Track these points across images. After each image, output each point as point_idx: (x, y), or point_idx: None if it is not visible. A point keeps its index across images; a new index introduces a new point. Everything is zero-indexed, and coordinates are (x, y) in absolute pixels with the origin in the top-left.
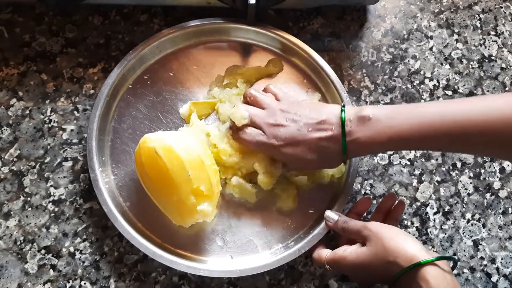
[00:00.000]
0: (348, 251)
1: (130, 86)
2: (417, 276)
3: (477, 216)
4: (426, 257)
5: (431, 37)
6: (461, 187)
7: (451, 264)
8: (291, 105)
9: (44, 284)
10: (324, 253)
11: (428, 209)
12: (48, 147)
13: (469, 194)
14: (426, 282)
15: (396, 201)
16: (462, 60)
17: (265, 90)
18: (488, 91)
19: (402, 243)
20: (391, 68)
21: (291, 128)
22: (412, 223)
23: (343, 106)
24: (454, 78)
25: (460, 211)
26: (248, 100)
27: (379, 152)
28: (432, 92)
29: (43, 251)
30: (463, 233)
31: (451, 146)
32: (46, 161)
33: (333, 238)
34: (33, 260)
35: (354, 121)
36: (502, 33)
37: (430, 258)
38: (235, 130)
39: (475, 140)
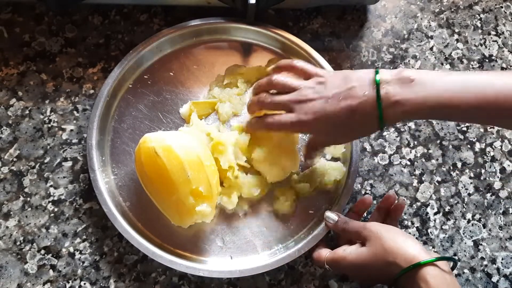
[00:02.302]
0: (348, 251)
1: (130, 86)
2: (416, 276)
3: (477, 216)
4: (426, 258)
5: (431, 37)
6: (462, 187)
7: (451, 264)
8: (320, 77)
9: (44, 284)
10: (324, 253)
11: (428, 209)
12: (48, 147)
13: (469, 194)
14: (426, 283)
15: (396, 201)
16: (463, 60)
17: (290, 67)
18: None
19: (402, 243)
20: (391, 68)
21: (320, 101)
22: (413, 223)
23: (377, 68)
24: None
25: (460, 211)
26: (276, 87)
27: (421, 119)
28: None
29: (42, 251)
30: (463, 233)
31: (501, 119)
32: (45, 161)
33: (333, 239)
34: (32, 260)
35: (393, 83)
36: (503, 33)
37: (430, 258)
38: (260, 122)
39: None
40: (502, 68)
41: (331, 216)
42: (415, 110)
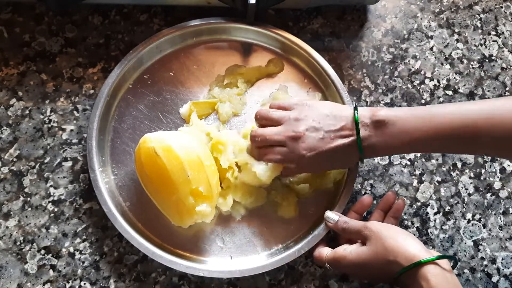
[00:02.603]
0: (349, 250)
1: (130, 86)
2: (417, 275)
3: (477, 216)
4: (427, 256)
5: (431, 37)
6: (462, 187)
7: (452, 263)
8: (304, 110)
9: (44, 284)
10: (324, 252)
11: (428, 209)
12: (48, 147)
13: (469, 194)
14: (427, 281)
15: (396, 200)
16: (463, 60)
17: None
18: (488, 91)
19: (403, 242)
20: (391, 68)
21: (312, 137)
22: (413, 223)
23: (356, 108)
24: (454, 78)
25: (460, 211)
26: (262, 123)
27: (397, 154)
28: (433, 92)
29: (42, 251)
30: (463, 233)
31: (469, 148)
32: (45, 161)
33: (333, 239)
34: (32, 260)
35: (370, 126)
36: (503, 33)
37: (431, 257)
38: (256, 153)
39: (496, 140)
40: (502, 68)
41: (332, 216)
42: (389, 148)
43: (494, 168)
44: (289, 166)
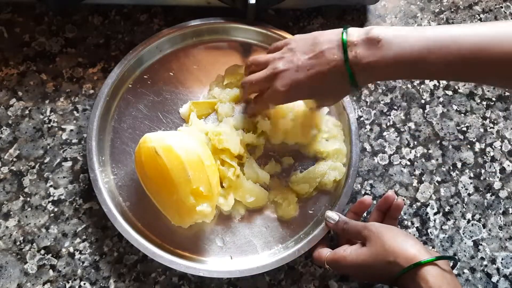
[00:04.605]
0: (348, 251)
1: (130, 86)
2: (417, 276)
3: (477, 216)
4: (426, 257)
5: None
6: (462, 187)
7: (451, 263)
8: (289, 46)
9: (43, 284)
10: (324, 252)
11: (428, 209)
12: (48, 147)
13: (469, 194)
14: (426, 282)
15: (395, 200)
16: None
17: (275, 47)
18: (488, 91)
19: (402, 243)
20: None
21: (290, 72)
22: (413, 223)
23: (345, 28)
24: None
25: (460, 211)
26: (251, 69)
27: (392, 79)
28: (433, 92)
29: (42, 251)
30: (463, 234)
31: (465, 73)
32: (45, 161)
33: (333, 239)
34: (32, 260)
35: (361, 44)
36: None
37: (430, 258)
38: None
39: (490, 67)
40: None
41: (332, 216)
42: (384, 72)
43: (494, 168)
44: (270, 102)
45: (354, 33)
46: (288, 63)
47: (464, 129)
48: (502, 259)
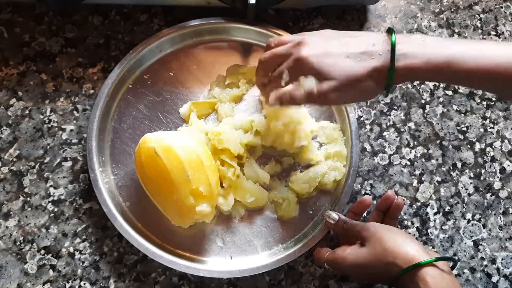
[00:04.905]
0: (348, 251)
1: (130, 86)
2: (416, 276)
3: (477, 216)
4: (426, 258)
5: None
6: (462, 187)
7: (451, 264)
8: (321, 36)
9: (43, 284)
10: (324, 252)
11: (428, 209)
12: (48, 147)
13: (469, 194)
14: (425, 283)
15: (395, 200)
16: None
17: (279, 42)
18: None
19: (402, 243)
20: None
21: (321, 41)
22: (413, 223)
23: (392, 29)
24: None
25: (460, 211)
26: (273, 45)
27: (430, 78)
28: (433, 92)
29: (42, 251)
30: (463, 234)
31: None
32: (45, 161)
33: (333, 239)
34: (32, 260)
35: (404, 41)
36: (503, 33)
37: (429, 258)
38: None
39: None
40: None
41: (332, 215)
42: (424, 65)
43: (494, 168)
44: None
45: (399, 35)
46: (319, 35)
47: (464, 129)
48: (502, 259)
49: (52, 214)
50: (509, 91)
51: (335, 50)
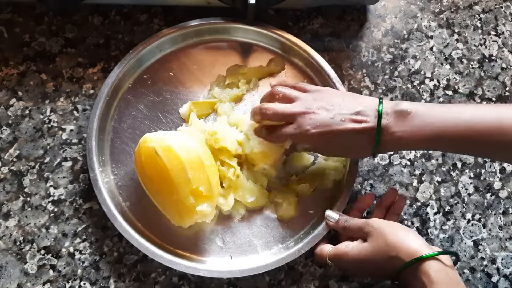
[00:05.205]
0: (350, 247)
1: (130, 86)
2: (418, 270)
3: (477, 216)
4: (428, 252)
5: (431, 37)
6: (462, 187)
7: (454, 259)
8: (321, 93)
9: (43, 284)
10: (326, 248)
11: (428, 209)
12: (48, 147)
13: (469, 194)
14: (428, 276)
15: (397, 197)
16: (463, 60)
17: (293, 87)
18: (488, 91)
19: (404, 238)
20: (391, 68)
21: (323, 115)
22: (413, 223)
23: (381, 98)
24: (454, 78)
25: (460, 211)
26: (277, 98)
27: (413, 148)
28: (433, 92)
29: (42, 251)
30: (463, 233)
31: (491, 151)
32: (45, 161)
33: (333, 238)
34: (32, 260)
35: (391, 115)
36: (503, 33)
37: (432, 252)
38: (264, 132)
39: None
40: (502, 68)
41: (332, 215)
42: (410, 141)
43: (494, 168)
44: (294, 140)
45: (387, 104)
46: (322, 109)
47: None
48: (502, 259)
49: (52, 214)
50: (502, 154)
51: (336, 127)
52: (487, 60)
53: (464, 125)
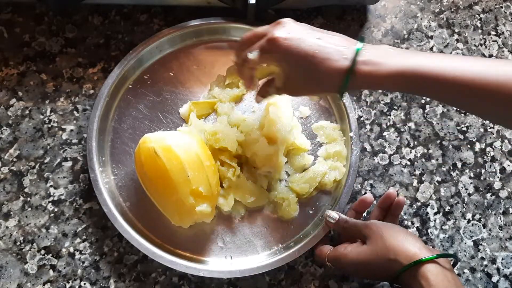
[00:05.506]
0: (349, 249)
1: (130, 86)
2: (417, 273)
3: (477, 216)
4: (427, 255)
5: (431, 37)
6: (462, 187)
7: (452, 261)
8: (299, 24)
9: (44, 284)
10: (325, 250)
11: (428, 209)
12: (48, 147)
13: (469, 194)
14: (426, 280)
15: (396, 198)
16: None
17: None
18: None
19: (403, 241)
20: None
21: (297, 30)
22: (413, 223)
23: (362, 38)
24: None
25: (460, 211)
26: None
27: (391, 87)
28: None
29: (42, 252)
30: (463, 233)
31: (471, 103)
32: (45, 161)
33: (333, 238)
34: (32, 260)
35: (371, 47)
36: (503, 33)
37: (431, 255)
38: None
39: (479, 98)
40: None
41: (332, 215)
42: (386, 73)
43: (494, 168)
44: (270, 81)
45: (367, 45)
46: (299, 24)
47: (464, 129)
48: (502, 259)
49: (52, 214)
50: (473, 107)
51: (309, 39)
52: None
53: (451, 71)
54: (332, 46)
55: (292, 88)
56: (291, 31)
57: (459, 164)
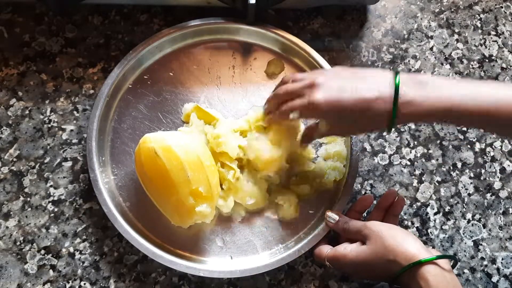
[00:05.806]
0: (349, 249)
1: (130, 86)
2: (416, 274)
3: (477, 216)
4: (426, 256)
5: (431, 37)
6: (462, 187)
7: (452, 262)
8: (330, 70)
9: (44, 284)
10: (325, 250)
11: (428, 209)
12: (48, 147)
13: (469, 194)
14: (426, 281)
15: (396, 198)
16: (463, 60)
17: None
18: None
19: (402, 241)
20: (391, 68)
21: (332, 85)
22: (413, 223)
23: (397, 72)
24: (454, 78)
25: (460, 211)
26: (287, 82)
27: (431, 122)
28: None
29: (42, 252)
30: (463, 234)
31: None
32: (45, 161)
33: (333, 238)
34: (32, 260)
35: (408, 84)
36: (503, 33)
37: (430, 256)
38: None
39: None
40: (502, 68)
41: (332, 215)
42: (427, 111)
43: (494, 168)
44: (314, 126)
45: (403, 75)
46: (331, 78)
47: (464, 129)
48: (502, 259)
49: (52, 214)
50: (509, 131)
51: (346, 91)
52: (487, 60)
53: (483, 100)
54: (371, 92)
55: (337, 133)
56: (328, 90)
57: (459, 164)
